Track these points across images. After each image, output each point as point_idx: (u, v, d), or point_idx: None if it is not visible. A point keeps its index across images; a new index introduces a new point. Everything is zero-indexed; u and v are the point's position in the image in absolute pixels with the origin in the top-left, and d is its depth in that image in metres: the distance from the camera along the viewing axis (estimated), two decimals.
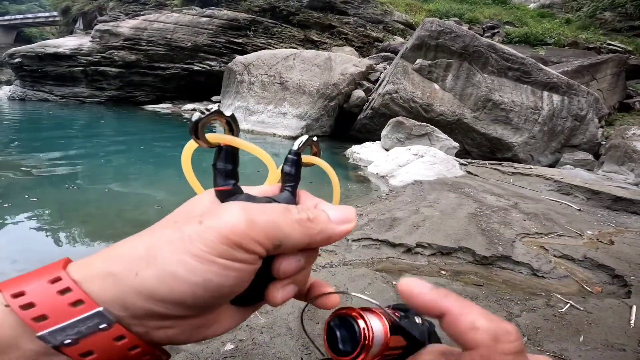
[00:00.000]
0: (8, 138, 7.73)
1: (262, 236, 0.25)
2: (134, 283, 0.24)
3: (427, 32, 7.76)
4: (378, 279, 2.16)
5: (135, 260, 0.25)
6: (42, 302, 0.24)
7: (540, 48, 14.02)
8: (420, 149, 5.69)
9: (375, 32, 16.48)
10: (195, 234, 0.25)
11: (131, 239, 0.27)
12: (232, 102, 10.27)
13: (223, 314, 0.29)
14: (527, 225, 3.11)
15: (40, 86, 17.27)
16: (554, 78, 7.82)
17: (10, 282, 0.25)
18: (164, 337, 0.27)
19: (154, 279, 0.24)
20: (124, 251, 0.26)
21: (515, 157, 7.51)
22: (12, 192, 3.81)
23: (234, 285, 0.26)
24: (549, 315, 1.87)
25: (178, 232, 0.25)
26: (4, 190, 3.82)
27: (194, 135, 0.30)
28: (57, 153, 5.99)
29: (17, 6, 45.47)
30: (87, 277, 0.25)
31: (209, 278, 0.24)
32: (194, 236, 0.25)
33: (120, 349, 0.25)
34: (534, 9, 19.45)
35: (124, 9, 19.16)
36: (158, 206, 3.55)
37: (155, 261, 0.24)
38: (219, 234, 0.24)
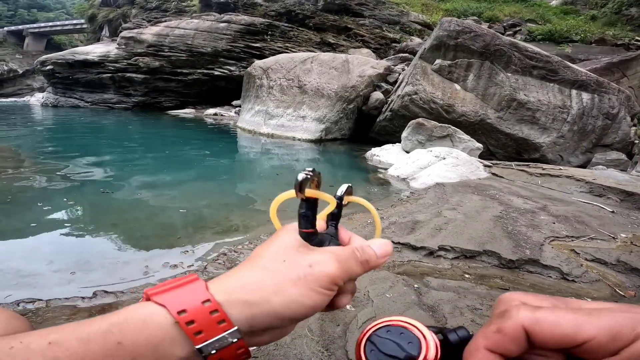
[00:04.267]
0: (45, 144, 8.14)
1: (346, 277, 0.38)
2: (266, 308, 0.34)
3: (445, 32, 7.63)
4: (399, 282, 2.13)
5: (266, 292, 0.35)
6: (200, 320, 0.32)
7: (565, 45, 13.55)
8: (442, 150, 5.58)
9: (392, 33, 16.36)
10: (310, 275, 0.36)
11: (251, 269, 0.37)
12: (252, 106, 10.42)
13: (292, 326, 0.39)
14: (556, 228, 2.99)
15: (71, 93, 18.08)
16: (582, 76, 7.52)
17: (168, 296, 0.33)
18: (259, 342, 0.37)
19: (282, 304, 0.35)
20: (254, 284, 0.36)
21: (544, 158, 7.24)
22: (50, 195, 4.00)
23: (324, 305, 0.37)
24: None
25: (294, 272, 0.36)
26: (42, 194, 4.01)
27: (298, 190, 0.38)
28: (90, 158, 6.25)
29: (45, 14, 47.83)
30: (228, 302, 0.34)
31: (317, 303, 0.36)
32: (309, 277, 0.36)
33: (238, 355, 0.34)
34: (556, 6, 18.83)
35: (146, 16, 19.86)
36: (183, 210, 3.63)
37: (283, 293, 0.35)
38: (326, 276, 0.36)
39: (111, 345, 0.29)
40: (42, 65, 17.67)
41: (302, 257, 0.38)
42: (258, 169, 6.28)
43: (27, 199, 3.81)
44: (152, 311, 0.31)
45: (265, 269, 0.37)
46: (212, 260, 2.44)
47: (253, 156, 7.64)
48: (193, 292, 0.33)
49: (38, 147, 7.53)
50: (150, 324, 0.31)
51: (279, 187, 4.86)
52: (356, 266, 0.39)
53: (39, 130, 10.95)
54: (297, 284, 0.35)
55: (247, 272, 0.37)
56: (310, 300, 0.36)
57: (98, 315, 1.50)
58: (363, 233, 2.86)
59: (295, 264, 0.37)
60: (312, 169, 0.39)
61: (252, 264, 0.38)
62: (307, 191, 0.38)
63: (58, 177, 4.74)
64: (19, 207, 3.59)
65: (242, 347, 0.33)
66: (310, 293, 0.36)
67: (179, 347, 0.31)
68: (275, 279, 0.36)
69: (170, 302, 0.32)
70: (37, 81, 32.23)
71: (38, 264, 2.47)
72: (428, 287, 2.09)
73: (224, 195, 4.44)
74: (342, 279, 0.38)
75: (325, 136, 8.88)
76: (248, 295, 0.34)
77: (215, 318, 0.32)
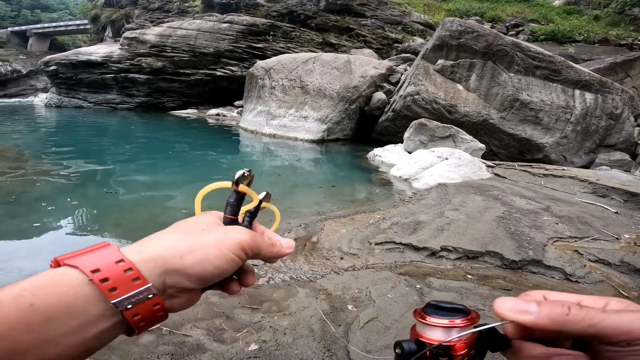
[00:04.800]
0: (49, 144, 8.18)
1: (254, 248, 0.42)
2: (178, 262, 0.36)
3: (447, 32, 7.61)
4: (401, 283, 2.13)
5: (180, 249, 0.38)
6: (114, 278, 0.33)
7: (568, 45, 13.51)
8: (445, 151, 5.57)
9: (394, 33, 16.33)
10: (222, 239, 0.40)
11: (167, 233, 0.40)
12: (255, 106, 10.43)
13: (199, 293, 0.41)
14: (559, 228, 2.97)
15: (75, 93, 18.14)
16: (586, 76, 7.48)
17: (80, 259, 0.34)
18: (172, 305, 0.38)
19: (194, 261, 0.37)
20: (168, 243, 0.38)
21: (547, 158, 7.21)
22: (54, 195, 4.03)
23: (231, 271, 0.40)
24: None
25: (210, 236, 0.40)
26: (47, 194, 4.04)
27: (234, 183, 0.46)
28: (94, 158, 6.29)
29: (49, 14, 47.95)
30: (142, 260, 0.35)
31: (226, 265, 0.39)
32: (221, 239, 0.40)
33: (155, 311, 0.35)
34: (559, 6, 18.77)
35: (149, 17, 19.91)
36: (185, 210, 3.64)
37: (196, 251, 0.38)
38: (237, 241, 0.40)
39: (23, 307, 0.29)
40: (45, 65, 17.74)
41: (218, 227, 0.42)
42: (261, 169, 6.29)
43: (30, 199, 3.83)
44: (64, 273, 0.32)
45: (181, 233, 0.40)
46: None
47: (255, 156, 7.65)
48: (106, 253, 0.35)
49: (42, 148, 7.57)
50: (62, 285, 0.31)
51: (281, 187, 4.86)
52: (264, 243, 0.44)
53: (43, 130, 11.00)
54: (210, 245, 0.39)
55: (163, 236, 0.40)
56: (220, 260, 0.38)
57: None
58: (365, 234, 2.86)
59: (211, 231, 0.41)
60: (249, 170, 0.46)
61: (169, 229, 0.41)
62: (241, 186, 0.45)
63: (62, 177, 4.76)
64: (23, 207, 3.61)
65: (158, 303, 0.35)
66: (220, 253, 0.38)
67: (94, 304, 0.32)
68: (190, 241, 0.38)
69: (82, 263, 0.33)
70: (40, 82, 32.36)
71: (41, 263, 2.48)
72: (430, 287, 2.09)
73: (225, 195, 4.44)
74: (251, 248, 0.41)
75: (328, 136, 8.88)
76: (161, 252, 0.37)
77: (129, 276, 0.33)
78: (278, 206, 0.52)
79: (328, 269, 2.31)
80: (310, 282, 2.16)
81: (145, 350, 1.53)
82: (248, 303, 1.91)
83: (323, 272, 2.26)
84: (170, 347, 1.55)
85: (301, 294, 2.00)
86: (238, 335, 1.65)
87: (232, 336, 1.64)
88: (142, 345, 1.56)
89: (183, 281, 0.37)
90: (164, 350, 1.53)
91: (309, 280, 2.17)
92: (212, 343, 1.59)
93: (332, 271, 2.28)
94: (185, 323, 1.72)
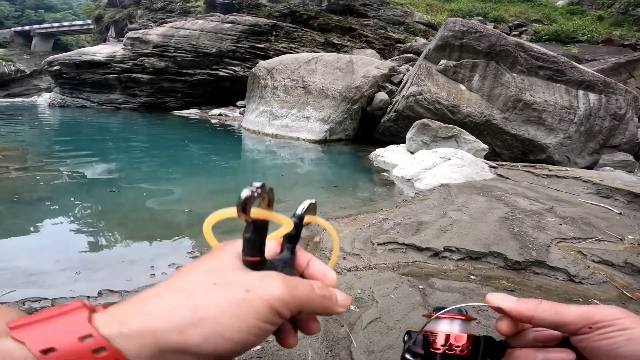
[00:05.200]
0: (52, 144, 8.22)
1: (296, 307, 0.30)
2: (177, 340, 0.26)
3: (450, 33, 7.60)
4: (404, 283, 2.12)
5: (179, 319, 0.27)
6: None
7: (572, 46, 13.47)
8: (447, 151, 5.56)
9: (397, 33, 16.33)
10: (243, 301, 0.28)
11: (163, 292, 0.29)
12: (257, 106, 10.44)
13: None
14: (563, 229, 2.96)
15: (78, 93, 18.21)
16: (589, 76, 7.45)
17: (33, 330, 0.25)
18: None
19: (200, 337, 0.26)
20: (163, 309, 0.27)
21: (550, 159, 7.18)
22: (57, 194, 4.04)
23: (261, 341, 0.29)
24: None
25: (224, 297, 0.28)
26: (49, 193, 4.05)
27: (241, 210, 0.31)
28: (97, 158, 6.32)
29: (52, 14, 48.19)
30: (123, 334, 0.26)
31: (250, 338, 0.28)
32: (242, 303, 0.28)
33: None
34: (562, 6, 18.71)
35: (152, 17, 19.99)
36: (189, 210, 3.65)
37: (203, 323, 0.27)
38: (266, 303, 0.28)
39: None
40: (49, 65, 17.82)
41: (238, 279, 0.30)
42: (263, 170, 6.29)
43: (34, 198, 3.85)
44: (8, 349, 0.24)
45: (183, 292, 0.29)
46: None
47: (257, 156, 7.65)
48: (69, 325, 0.25)
49: (45, 147, 7.60)
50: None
51: (284, 187, 4.87)
52: (315, 302, 0.31)
53: (46, 130, 11.05)
54: (223, 312, 0.27)
55: (156, 296, 0.28)
56: (240, 334, 0.27)
57: None
58: (367, 234, 2.85)
59: (228, 287, 0.29)
60: (262, 184, 0.31)
61: (167, 284, 0.30)
62: (254, 211, 0.31)
63: (65, 177, 4.78)
64: (26, 206, 3.63)
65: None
66: (241, 325, 0.27)
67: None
68: (195, 304, 0.27)
69: (33, 338, 0.24)
70: (44, 81, 32.53)
71: (44, 262, 2.49)
72: (433, 288, 2.08)
73: (228, 195, 4.45)
74: (289, 307, 0.29)
75: (330, 137, 8.88)
76: (152, 323, 0.26)
77: (101, 358, 0.24)
78: (281, 206, 0.39)
79: None
80: None
81: None
82: None
83: None
84: None
85: None
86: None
87: None
88: None
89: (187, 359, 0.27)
90: None
91: None
92: None
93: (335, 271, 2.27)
94: None
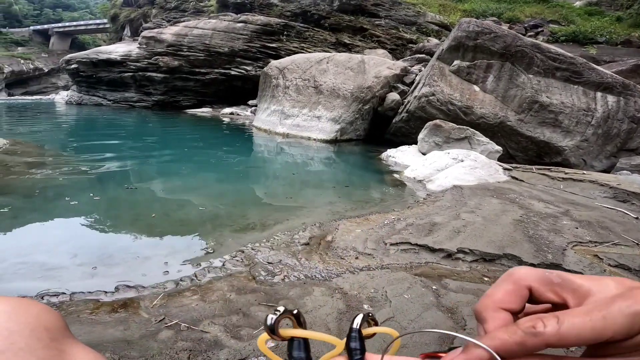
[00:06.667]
0: (70, 141, 8.42)
1: None
2: None
3: (464, 33, 7.51)
4: (417, 283, 2.11)
5: None
6: None
7: (590, 47, 13.19)
8: (460, 152, 5.50)
9: (409, 33, 16.21)
10: None
11: None
12: (268, 105, 10.50)
13: None
14: (579, 233, 2.91)
15: (94, 91, 18.58)
16: (608, 78, 7.28)
17: None
18: None
19: None
20: None
21: (566, 162, 7.04)
22: (77, 190, 4.14)
23: None
24: None
25: None
26: (69, 189, 4.15)
27: (270, 333, 0.31)
28: (113, 155, 6.49)
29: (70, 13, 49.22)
30: None
31: None
32: None
33: None
34: (580, 7, 18.32)
35: (166, 16, 20.26)
36: (203, 207, 3.69)
37: None
38: None
39: None
40: (67, 64, 18.21)
41: None
42: (274, 168, 6.33)
43: (54, 194, 3.95)
44: None
45: None
46: (230, 258, 2.48)
47: (269, 155, 7.70)
48: None
49: (64, 144, 7.79)
50: None
51: (295, 186, 4.89)
52: None
53: (64, 127, 11.32)
54: None
55: None
56: None
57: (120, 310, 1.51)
58: (380, 234, 2.85)
59: None
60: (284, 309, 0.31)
61: None
62: (285, 331, 0.31)
63: (83, 173, 4.90)
64: (46, 201, 3.73)
65: None
66: None
67: None
68: None
69: None
70: (61, 79, 33.29)
71: (63, 257, 2.55)
72: (446, 289, 2.07)
73: (240, 193, 4.49)
74: None
75: (341, 136, 8.87)
76: None
77: None
78: (291, 205, 0.34)
79: (343, 268, 2.32)
80: (325, 281, 2.16)
81: (164, 345, 1.56)
82: (264, 300, 1.93)
83: (338, 272, 2.27)
84: (189, 343, 1.58)
85: (317, 292, 2.01)
86: (255, 332, 1.66)
87: (249, 333, 1.66)
88: (161, 341, 1.59)
89: None
90: (182, 346, 1.56)
91: (324, 279, 2.18)
92: (229, 340, 1.61)
93: (348, 270, 2.28)
94: (203, 319, 1.75)
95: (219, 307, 1.85)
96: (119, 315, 1.78)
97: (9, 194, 3.74)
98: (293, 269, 2.30)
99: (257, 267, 2.31)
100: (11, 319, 0.28)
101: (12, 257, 2.50)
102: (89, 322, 1.72)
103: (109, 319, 1.75)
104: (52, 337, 0.29)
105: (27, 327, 0.28)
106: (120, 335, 1.61)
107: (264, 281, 2.15)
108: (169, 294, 2.00)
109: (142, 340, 1.59)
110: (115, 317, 1.77)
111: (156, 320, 1.73)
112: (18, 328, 0.27)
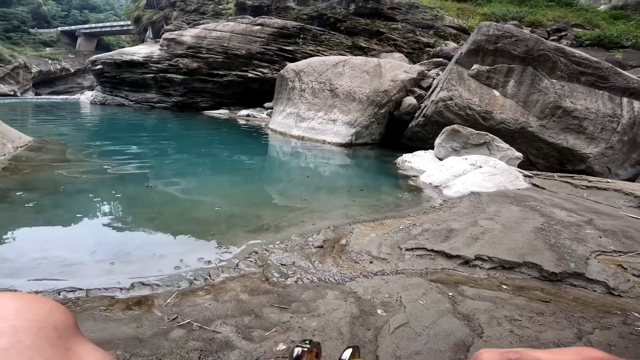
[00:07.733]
0: (94, 139, 8.68)
1: None
2: None
3: (484, 37, 7.38)
4: (433, 289, 2.07)
5: None
6: None
7: (616, 51, 12.79)
8: (479, 158, 5.38)
9: (426, 37, 16.06)
10: None
11: None
12: (284, 108, 10.56)
13: None
14: (603, 242, 2.79)
15: (117, 92, 19.13)
16: (634, 83, 7.00)
17: None
18: None
19: None
20: None
21: (590, 170, 6.80)
22: (99, 187, 4.26)
23: None
24: (625, 333, 1.74)
25: None
26: (92, 186, 4.27)
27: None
28: (135, 153, 6.70)
29: (96, 15, 50.82)
30: None
31: None
32: None
33: None
34: (605, 11, 17.77)
35: (186, 18, 20.74)
36: (218, 207, 3.73)
37: None
38: None
39: None
40: (92, 64, 18.80)
41: None
42: (289, 171, 6.35)
43: (77, 190, 4.06)
44: None
45: None
46: (244, 258, 2.48)
47: (284, 158, 7.73)
48: None
49: (88, 142, 8.03)
50: None
51: (309, 189, 4.88)
52: None
53: (89, 126, 11.68)
54: None
55: None
56: None
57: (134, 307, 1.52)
58: (395, 239, 2.80)
59: None
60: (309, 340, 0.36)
61: None
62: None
63: (106, 171, 5.03)
64: (69, 197, 3.83)
65: None
66: None
67: None
68: None
69: None
70: (87, 80, 34.44)
71: (81, 253, 2.60)
72: (463, 296, 2.02)
73: (256, 194, 4.52)
74: None
75: (356, 140, 8.83)
76: None
77: None
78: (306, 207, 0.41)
79: (357, 272, 2.29)
80: (339, 284, 2.14)
81: (175, 344, 1.57)
82: (277, 302, 1.92)
83: (352, 275, 2.24)
84: (200, 343, 1.58)
85: (330, 295, 1.99)
86: (266, 334, 1.65)
87: (260, 335, 1.65)
88: (173, 340, 1.60)
89: None
90: (193, 346, 1.56)
91: (337, 283, 2.16)
92: (240, 341, 1.60)
93: (361, 275, 2.25)
94: (215, 319, 1.75)
95: (231, 308, 1.85)
96: (132, 313, 1.80)
97: (34, 189, 3.86)
98: (306, 272, 2.28)
99: (270, 269, 2.31)
100: (19, 316, 0.28)
101: (33, 251, 2.57)
102: (102, 319, 1.74)
103: (122, 316, 1.77)
104: (60, 335, 0.29)
105: (35, 324, 0.28)
106: (133, 333, 1.63)
107: (277, 283, 2.14)
108: (182, 293, 2.01)
109: (153, 338, 1.60)
110: (128, 314, 1.79)
111: (169, 319, 1.74)
112: (26, 326, 0.27)
